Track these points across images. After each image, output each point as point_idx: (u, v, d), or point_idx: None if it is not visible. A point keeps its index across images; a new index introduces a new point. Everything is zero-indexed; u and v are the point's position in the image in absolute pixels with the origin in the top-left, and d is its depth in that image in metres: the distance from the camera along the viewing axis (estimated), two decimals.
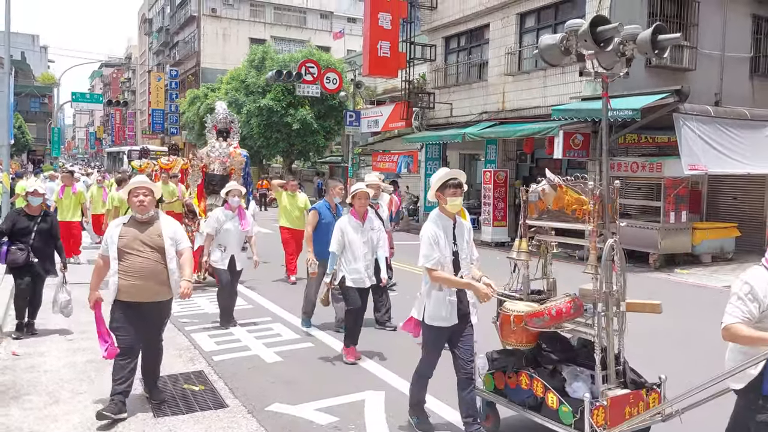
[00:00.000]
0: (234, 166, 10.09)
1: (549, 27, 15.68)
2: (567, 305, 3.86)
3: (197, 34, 47.23)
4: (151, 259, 4.64)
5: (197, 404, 4.93)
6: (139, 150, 26.45)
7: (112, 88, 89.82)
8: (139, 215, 4.70)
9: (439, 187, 4.26)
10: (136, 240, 4.63)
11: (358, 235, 5.98)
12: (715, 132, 12.29)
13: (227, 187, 7.57)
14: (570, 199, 4.04)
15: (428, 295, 4.23)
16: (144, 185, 4.75)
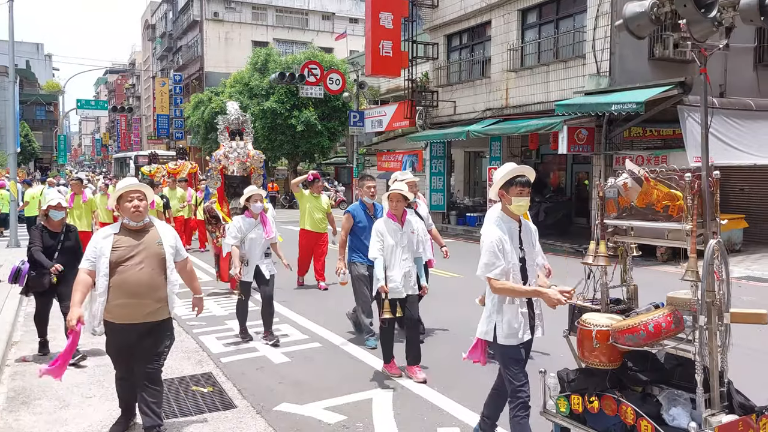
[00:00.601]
0: (254, 166, 9.69)
1: (551, 22, 15.67)
2: (667, 319, 3.30)
3: (200, 39, 47.41)
4: (150, 272, 4.06)
5: (206, 405, 4.95)
6: (147, 155, 26.45)
7: (117, 95, 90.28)
8: (134, 223, 4.12)
9: (504, 184, 3.75)
10: (132, 251, 4.05)
11: (397, 238, 5.44)
12: (720, 123, 12.23)
13: (247, 192, 6.88)
14: (660, 194, 3.51)
15: (499, 310, 3.72)
16: (137, 188, 4.18)
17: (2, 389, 5.29)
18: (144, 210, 4.14)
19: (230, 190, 9.58)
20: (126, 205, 4.11)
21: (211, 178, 9.69)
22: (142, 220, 4.15)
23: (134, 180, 4.45)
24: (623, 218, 3.77)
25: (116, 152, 65.70)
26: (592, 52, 13.90)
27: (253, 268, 6.69)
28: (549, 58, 15.54)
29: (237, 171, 9.53)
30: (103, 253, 4.03)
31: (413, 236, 5.54)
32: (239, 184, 9.27)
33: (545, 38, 15.79)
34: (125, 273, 4.00)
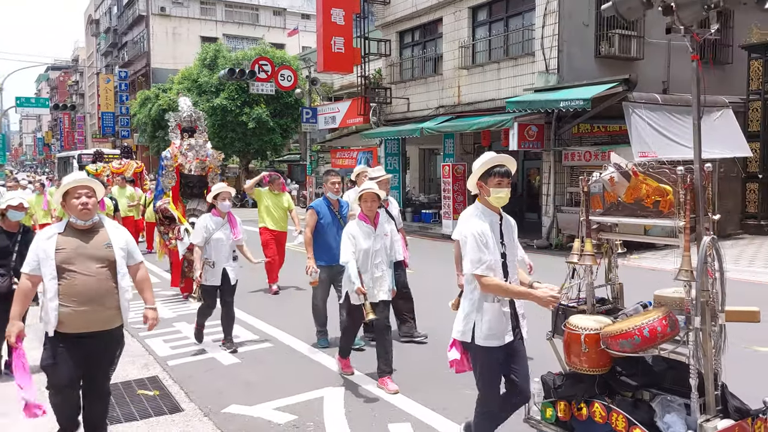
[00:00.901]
0: (212, 165, 9.18)
1: (501, 20, 15.84)
2: (662, 323, 3.11)
3: (146, 34, 46.16)
4: (99, 277, 3.69)
5: (151, 410, 4.78)
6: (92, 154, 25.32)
7: (59, 92, 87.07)
8: (81, 221, 3.71)
9: (482, 174, 3.54)
10: (79, 253, 3.66)
11: (370, 242, 5.11)
12: (663, 119, 12.59)
13: (215, 190, 6.44)
14: (649, 188, 3.35)
15: (478, 308, 3.46)
16: (85, 183, 3.76)
17: None
18: (93, 207, 3.72)
19: (186, 190, 9.11)
20: (73, 201, 3.69)
21: (166, 177, 9.06)
22: (90, 218, 3.74)
23: (82, 174, 4.00)
24: (610, 214, 3.59)
25: (59, 151, 63.41)
26: (541, 49, 14.12)
27: (220, 271, 6.28)
28: (499, 55, 15.71)
29: (195, 170, 9.01)
30: (48, 254, 3.62)
31: (386, 239, 5.25)
32: (196, 184, 8.95)
33: (495, 36, 15.95)
34: (72, 278, 3.63)
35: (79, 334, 3.66)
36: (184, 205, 9.03)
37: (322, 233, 6.16)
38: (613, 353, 3.29)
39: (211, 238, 6.25)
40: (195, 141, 9.09)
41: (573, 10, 13.81)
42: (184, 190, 9.08)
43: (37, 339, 3.97)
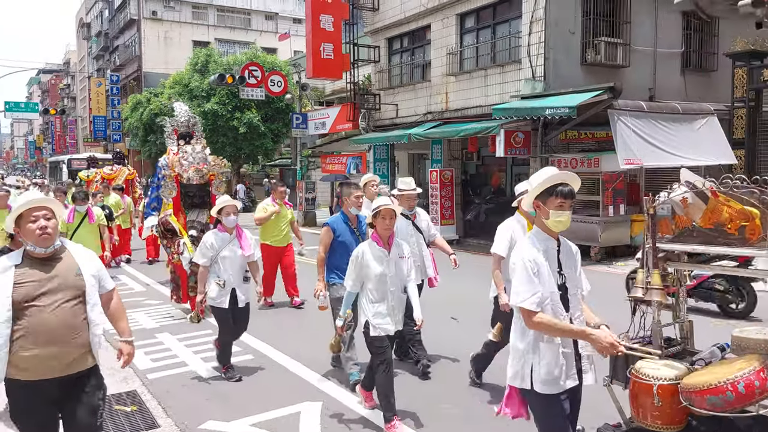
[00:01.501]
0: (213, 172, 8.54)
1: (488, 27, 15.90)
2: (760, 376, 2.60)
3: (138, 38, 46.05)
4: (68, 312, 3.14)
5: (128, 426, 4.78)
6: (86, 159, 24.73)
7: (51, 95, 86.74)
8: (42, 249, 3.16)
9: (541, 193, 3.07)
10: (43, 286, 3.11)
11: (383, 267, 4.53)
12: (649, 126, 12.67)
13: (220, 204, 5.91)
14: (732, 211, 2.83)
15: (535, 349, 2.99)
16: (41, 204, 3.21)
17: None
18: (53, 231, 3.17)
19: (186, 200, 8.52)
20: (29, 226, 3.14)
21: (166, 187, 8.50)
22: (51, 244, 3.19)
23: (37, 194, 3.54)
24: (682, 241, 3.03)
25: (51, 155, 63.12)
26: (528, 57, 14.18)
27: (229, 292, 5.74)
28: (487, 62, 15.78)
29: (193, 178, 8.41)
30: (3, 293, 3.05)
31: (402, 262, 4.65)
32: (196, 193, 8.44)
33: (483, 43, 16.02)
34: (36, 316, 3.07)
35: (49, 380, 3.14)
36: (185, 216, 8.53)
37: (339, 252, 5.48)
38: (698, 411, 2.72)
39: (218, 257, 5.76)
40: (192, 148, 8.57)
41: (559, 18, 13.88)
42: (184, 200, 8.54)
43: None
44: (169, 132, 9.32)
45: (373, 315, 4.55)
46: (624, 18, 14.75)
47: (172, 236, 8.37)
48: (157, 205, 9.29)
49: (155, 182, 9.60)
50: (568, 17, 14.00)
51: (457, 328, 7.55)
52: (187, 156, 8.46)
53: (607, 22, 14.53)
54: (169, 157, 8.74)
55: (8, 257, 3.22)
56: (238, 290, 5.80)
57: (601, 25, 14.41)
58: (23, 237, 3.20)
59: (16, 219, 3.19)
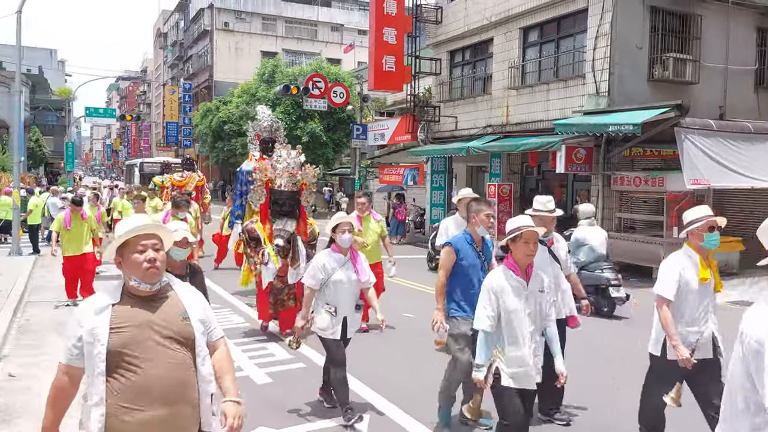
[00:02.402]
0: (305, 181, 7.92)
1: (552, 41, 15.75)
2: None
3: (210, 48, 47.90)
4: (174, 366, 2.50)
5: None
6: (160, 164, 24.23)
7: (128, 101, 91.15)
8: (147, 285, 2.56)
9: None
10: (144, 332, 2.49)
11: (522, 301, 3.74)
12: (717, 146, 12.24)
13: (335, 220, 5.19)
14: None
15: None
16: (151, 231, 2.62)
17: None
18: (162, 265, 2.59)
19: (275, 208, 7.85)
20: (135, 258, 2.54)
21: (255, 193, 7.98)
22: (159, 280, 2.59)
23: (144, 218, 2.77)
24: None
25: (126, 158, 66.26)
26: (592, 72, 13.96)
27: (341, 321, 5.11)
28: (549, 76, 15.62)
29: (285, 185, 7.74)
30: (97, 337, 2.44)
31: (542, 297, 3.89)
32: (286, 201, 7.79)
33: (546, 57, 15.87)
34: (137, 369, 2.45)
35: None
36: (272, 225, 7.86)
37: (460, 278, 4.74)
38: None
39: (330, 280, 5.08)
40: (287, 152, 7.91)
41: (626, 33, 13.62)
42: (272, 208, 7.87)
43: None
44: (252, 137, 9.03)
45: (508, 362, 3.73)
46: (694, 33, 14.32)
47: (256, 245, 7.83)
48: (242, 213, 9.07)
49: (239, 189, 9.29)
50: (635, 32, 13.72)
51: None
52: (282, 161, 7.77)
53: (676, 37, 14.14)
54: (254, 162, 8.20)
55: (107, 292, 2.59)
56: (349, 320, 5.16)
57: (670, 41, 14.03)
58: (125, 269, 2.58)
59: (120, 246, 2.59)
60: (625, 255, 13.21)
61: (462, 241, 4.80)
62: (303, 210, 7.78)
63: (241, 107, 31.49)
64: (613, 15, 13.52)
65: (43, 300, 9.84)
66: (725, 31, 14.56)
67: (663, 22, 13.96)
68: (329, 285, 5.07)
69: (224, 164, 36.22)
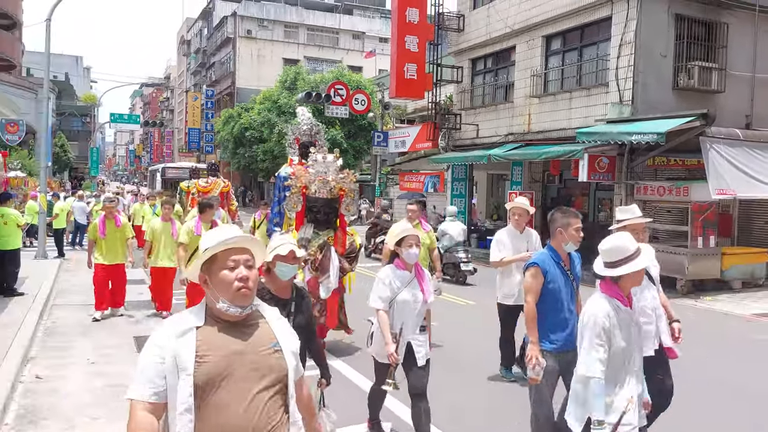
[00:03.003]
0: (345, 187, 7.32)
1: (575, 49, 15.67)
2: None
3: (233, 55, 48.43)
4: (265, 405, 2.11)
5: None
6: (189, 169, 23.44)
7: (151, 107, 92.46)
8: (237, 309, 2.15)
9: None
10: (234, 363, 2.10)
11: (632, 337, 3.20)
12: (744, 155, 12.07)
13: (401, 233, 4.51)
14: None
15: None
16: (243, 245, 2.23)
17: (13, 406, 5.46)
18: (255, 285, 2.21)
19: (310, 215, 7.25)
20: (224, 275, 2.14)
21: (290, 200, 7.37)
22: (250, 303, 2.19)
23: (235, 229, 2.28)
24: None
25: (149, 164, 67.17)
26: (615, 80, 13.86)
27: (405, 345, 4.42)
28: (572, 85, 15.54)
29: (319, 191, 7.23)
30: (182, 365, 2.05)
31: (642, 324, 3.50)
32: (321, 209, 7.22)
33: (569, 65, 15.79)
34: (225, 408, 2.06)
35: None
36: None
37: (550, 302, 4.07)
38: None
39: (396, 300, 4.46)
40: (323, 156, 7.35)
41: (650, 41, 13.50)
42: (308, 216, 7.29)
43: None
44: (291, 141, 8.67)
45: (608, 409, 3.08)
46: (720, 42, 14.15)
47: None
48: (280, 221, 8.60)
49: (276, 195, 8.89)
50: (659, 41, 13.60)
51: None
52: (317, 165, 7.25)
53: (701, 45, 13.99)
54: (297, 168, 7.76)
55: (192, 313, 2.18)
56: (415, 343, 4.47)
57: (695, 49, 13.88)
58: (212, 288, 2.16)
59: (208, 260, 2.19)
60: None
61: (548, 261, 4.13)
62: (342, 219, 7.24)
63: (263, 114, 31.78)
64: (637, 23, 13.42)
65: (69, 303, 9.98)
66: (752, 39, 14.36)
67: (688, 30, 13.82)
68: (393, 305, 4.45)
69: (245, 170, 36.57)
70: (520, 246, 6.22)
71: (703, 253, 12.19)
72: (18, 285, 10.21)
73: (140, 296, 10.23)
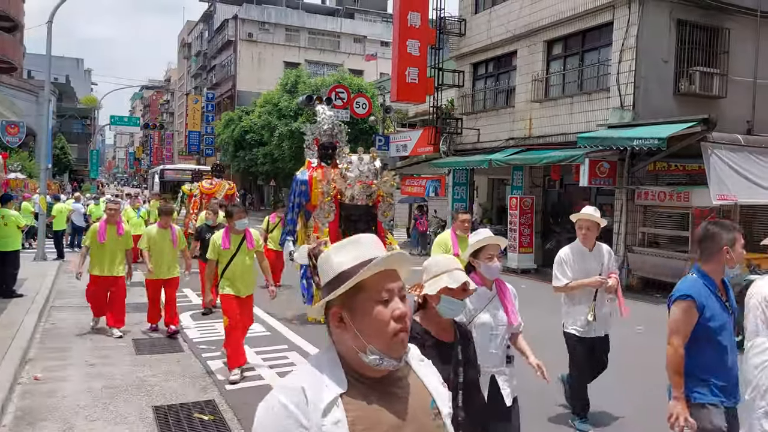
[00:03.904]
0: (382, 191, 6.58)
1: (576, 54, 15.67)
2: None
3: (234, 58, 48.47)
4: None
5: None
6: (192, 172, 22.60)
7: (151, 110, 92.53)
8: (393, 361, 1.51)
9: None
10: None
11: None
12: (745, 161, 12.04)
13: (482, 241, 3.56)
14: None
15: None
16: (395, 264, 1.56)
17: (11, 408, 5.42)
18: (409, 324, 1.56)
19: (348, 225, 6.42)
20: (378, 313, 1.51)
21: (322, 210, 6.56)
22: (405, 352, 1.58)
23: (377, 246, 1.60)
24: None
25: (148, 166, 67.17)
26: (617, 85, 13.85)
27: (487, 380, 3.42)
28: (573, 90, 15.53)
29: (358, 198, 6.46)
30: None
31: None
32: (361, 217, 6.38)
33: (570, 70, 15.79)
34: None
35: None
36: None
37: (708, 343, 3.26)
38: None
39: (475, 322, 3.48)
40: (358, 158, 6.50)
41: (652, 47, 13.50)
42: (345, 226, 6.49)
43: None
44: (310, 141, 8.01)
45: None
46: (722, 48, 14.16)
47: None
48: (293, 228, 7.93)
49: (291, 201, 8.18)
50: (661, 46, 13.60)
51: None
52: (353, 168, 6.48)
53: (703, 51, 13.99)
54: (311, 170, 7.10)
55: (322, 365, 1.53)
56: (500, 378, 3.52)
57: (697, 55, 13.88)
58: (356, 332, 1.51)
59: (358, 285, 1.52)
60: (649, 270, 13.03)
61: (702, 290, 3.24)
62: (380, 226, 6.55)
63: (263, 117, 31.78)
64: (638, 28, 13.43)
65: (68, 305, 9.95)
66: (754, 44, 14.36)
67: (690, 35, 13.82)
68: (472, 328, 3.36)
69: (245, 174, 36.56)
70: (590, 267, 5.06)
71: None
72: (17, 287, 10.18)
73: (141, 298, 10.18)
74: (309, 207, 8.23)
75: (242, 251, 6.44)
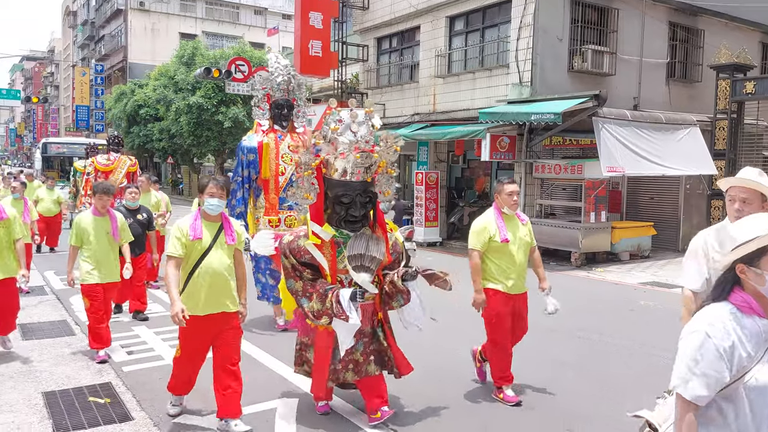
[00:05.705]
0: (384, 160, 4.59)
1: (477, 30, 15.96)
2: None
3: (124, 28, 45.64)
4: None
5: (101, 418, 4.71)
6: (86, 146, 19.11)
7: (34, 83, 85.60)
8: None
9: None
10: None
11: None
12: (632, 135, 12.81)
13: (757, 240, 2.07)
14: None
15: None
16: None
17: None
18: None
19: (338, 210, 4.48)
20: None
21: (300, 186, 4.58)
22: None
23: None
24: None
25: (32, 143, 62.31)
26: (515, 62, 14.26)
27: None
28: (475, 65, 15.84)
29: (353, 172, 4.43)
30: None
31: None
32: (356, 199, 4.45)
33: (471, 46, 16.08)
34: None
35: None
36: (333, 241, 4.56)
37: None
38: None
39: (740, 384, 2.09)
40: (349, 114, 4.54)
41: (548, 25, 13.99)
42: (333, 211, 4.51)
43: None
44: (260, 98, 6.49)
45: None
46: (611, 27, 14.91)
47: (314, 277, 4.51)
48: (244, 211, 6.57)
49: (239, 174, 6.69)
50: (556, 24, 14.11)
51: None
52: (343, 129, 4.49)
53: (594, 30, 14.68)
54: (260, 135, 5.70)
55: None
56: None
57: (589, 33, 14.55)
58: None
59: None
60: (546, 240, 13.61)
61: None
62: (378, 210, 4.62)
63: (159, 90, 30.17)
64: (535, 6, 13.84)
65: None
66: (640, 24, 15.23)
67: (583, 14, 14.44)
68: (737, 396, 2.07)
69: (140, 150, 34.60)
70: None
71: (595, 227, 12.90)
72: None
73: None
74: (259, 182, 6.92)
75: (219, 245, 4.43)
